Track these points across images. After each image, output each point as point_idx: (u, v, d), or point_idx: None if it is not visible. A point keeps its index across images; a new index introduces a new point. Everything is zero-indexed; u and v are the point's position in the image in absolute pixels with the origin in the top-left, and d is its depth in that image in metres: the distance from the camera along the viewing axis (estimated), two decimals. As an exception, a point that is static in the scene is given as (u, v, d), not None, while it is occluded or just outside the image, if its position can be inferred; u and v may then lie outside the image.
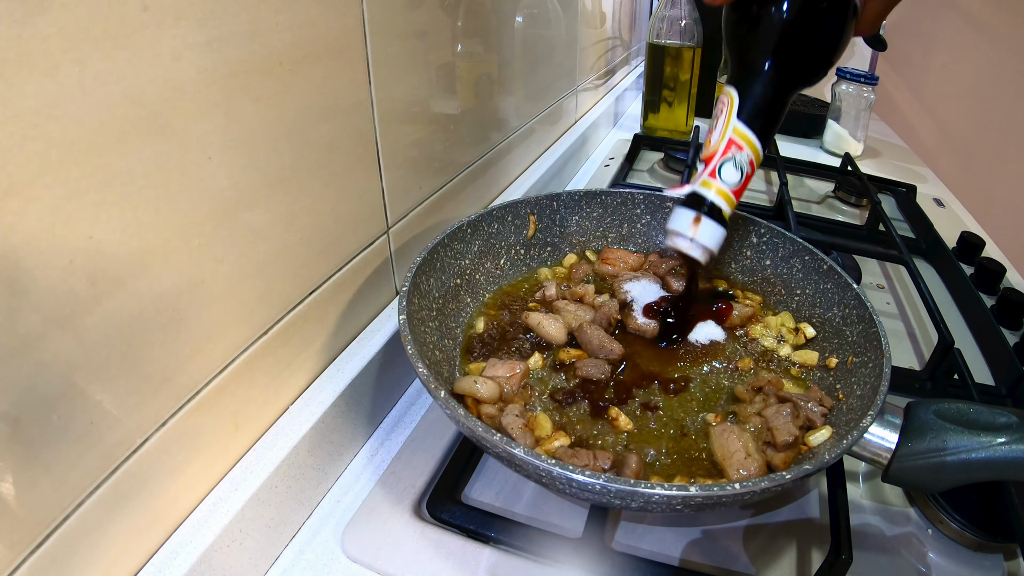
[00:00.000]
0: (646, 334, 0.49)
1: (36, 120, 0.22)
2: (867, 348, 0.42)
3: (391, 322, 0.48)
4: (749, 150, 0.40)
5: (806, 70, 0.40)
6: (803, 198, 0.92)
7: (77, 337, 0.26)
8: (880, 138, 1.25)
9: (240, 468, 0.36)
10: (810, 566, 0.38)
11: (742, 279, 0.56)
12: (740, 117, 0.39)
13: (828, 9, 0.38)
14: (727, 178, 0.40)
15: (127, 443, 0.29)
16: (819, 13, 0.38)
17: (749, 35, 0.40)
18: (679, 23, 0.98)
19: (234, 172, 0.32)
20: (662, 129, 1.07)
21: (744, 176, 0.40)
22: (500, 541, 0.38)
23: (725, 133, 0.40)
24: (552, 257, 0.58)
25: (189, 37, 0.28)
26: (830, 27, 0.38)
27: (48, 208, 0.23)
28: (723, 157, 0.40)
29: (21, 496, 0.24)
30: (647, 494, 0.29)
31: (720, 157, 0.40)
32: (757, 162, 0.41)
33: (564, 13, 0.82)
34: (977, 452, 0.34)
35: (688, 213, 0.41)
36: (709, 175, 0.41)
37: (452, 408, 0.33)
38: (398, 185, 0.48)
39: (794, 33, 0.38)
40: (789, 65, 0.39)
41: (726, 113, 0.40)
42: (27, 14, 0.22)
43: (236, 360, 0.35)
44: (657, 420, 0.42)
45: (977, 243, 0.76)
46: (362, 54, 0.41)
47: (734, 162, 0.40)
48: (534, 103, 0.77)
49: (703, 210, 0.41)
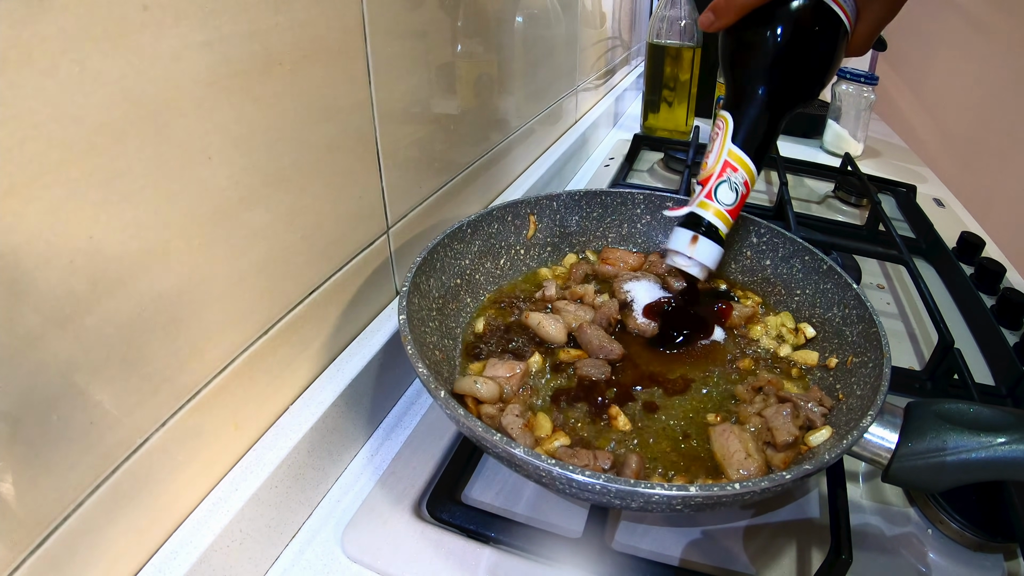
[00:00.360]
0: (646, 334, 0.49)
1: (36, 120, 0.22)
2: (867, 348, 0.42)
3: (391, 322, 0.48)
4: (744, 172, 0.42)
5: (798, 93, 0.42)
6: (803, 198, 0.92)
7: (77, 337, 0.26)
8: (880, 138, 1.25)
9: (240, 468, 0.36)
10: (810, 566, 0.38)
11: (742, 279, 0.56)
12: (735, 141, 0.41)
13: (819, 35, 0.39)
14: (723, 199, 0.42)
15: (127, 443, 0.29)
16: (810, 39, 0.39)
17: (743, 61, 0.41)
18: (679, 23, 0.98)
19: (234, 172, 0.32)
20: (662, 129, 1.07)
21: (739, 197, 0.42)
22: (500, 541, 0.38)
23: (720, 156, 0.42)
24: (552, 257, 0.58)
25: (189, 37, 0.28)
26: (821, 52, 0.40)
27: (48, 208, 0.23)
28: (719, 179, 0.42)
29: (21, 496, 0.24)
30: (647, 494, 0.29)
31: (716, 179, 0.42)
32: (752, 182, 0.42)
33: (564, 13, 0.82)
34: (977, 452, 0.34)
35: (686, 233, 0.44)
36: (706, 196, 0.43)
37: (452, 408, 0.33)
38: (398, 185, 0.48)
39: (786, 59, 0.40)
40: (782, 89, 0.40)
41: (721, 136, 0.42)
42: (27, 14, 0.22)
43: (236, 360, 0.35)
44: (657, 420, 0.42)
45: (977, 243, 0.76)
46: (362, 54, 0.41)
47: (729, 183, 0.42)
48: (534, 103, 0.77)
49: (700, 230, 0.43)
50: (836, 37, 0.40)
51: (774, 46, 0.40)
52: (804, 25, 0.39)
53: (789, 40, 0.39)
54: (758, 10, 0.40)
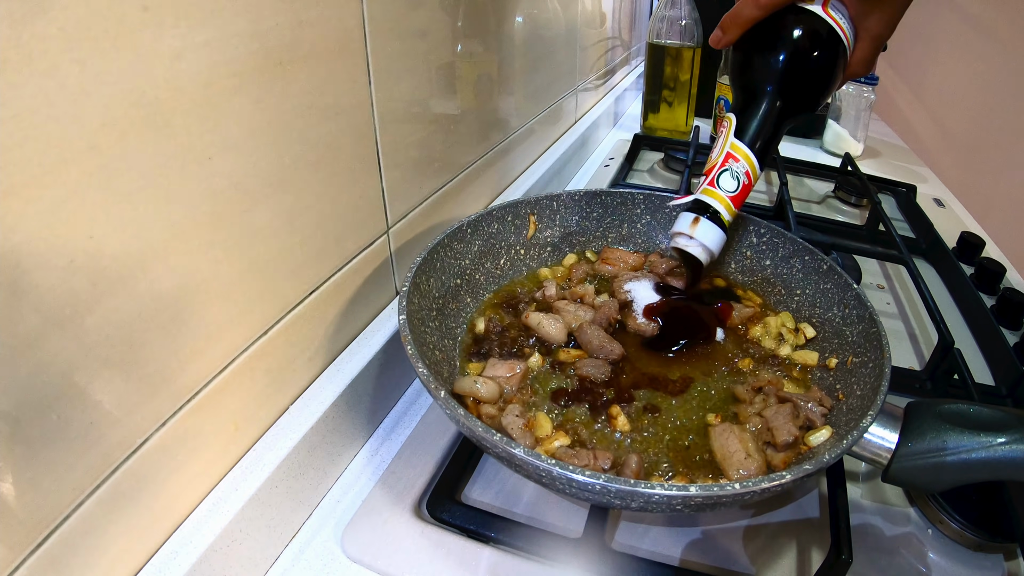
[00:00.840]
0: (646, 334, 0.49)
1: (36, 120, 0.22)
2: (867, 348, 0.42)
3: (391, 322, 0.48)
4: (745, 162, 0.44)
5: (798, 106, 0.45)
6: (803, 198, 0.92)
7: (77, 337, 0.26)
8: (880, 138, 1.25)
9: (240, 468, 0.36)
10: (810, 566, 0.38)
11: (742, 279, 0.56)
12: (737, 136, 0.44)
13: (819, 57, 0.43)
14: (725, 186, 0.44)
15: (127, 443, 0.29)
16: (811, 60, 0.43)
17: (745, 71, 0.45)
18: (679, 23, 0.98)
19: (234, 172, 0.32)
20: (662, 129, 1.07)
21: (741, 185, 0.44)
22: (500, 541, 0.38)
23: (724, 148, 0.44)
24: (552, 257, 0.58)
25: (189, 37, 0.28)
26: (818, 63, 0.43)
27: (48, 208, 0.24)
28: (721, 168, 0.44)
29: (21, 496, 0.24)
30: (647, 494, 0.29)
31: (719, 168, 0.44)
32: (753, 175, 0.44)
33: (564, 13, 0.82)
34: (977, 452, 0.34)
35: (688, 215, 0.46)
36: (708, 184, 0.45)
37: (452, 408, 0.33)
38: (398, 185, 0.48)
39: (788, 76, 0.43)
40: (783, 101, 0.43)
41: (725, 133, 0.45)
42: (27, 14, 0.22)
43: (236, 360, 0.35)
44: (657, 420, 0.42)
45: (977, 243, 0.76)
46: (362, 54, 0.41)
47: (731, 172, 0.44)
48: (534, 103, 0.77)
49: (701, 213, 0.45)
50: (833, 50, 0.43)
51: (773, 57, 0.43)
52: (802, 38, 0.42)
53: (787, 52, 0.43)
54: (762, 26, 0.43)
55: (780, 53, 0.43)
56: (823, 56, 0.42)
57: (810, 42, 0.42)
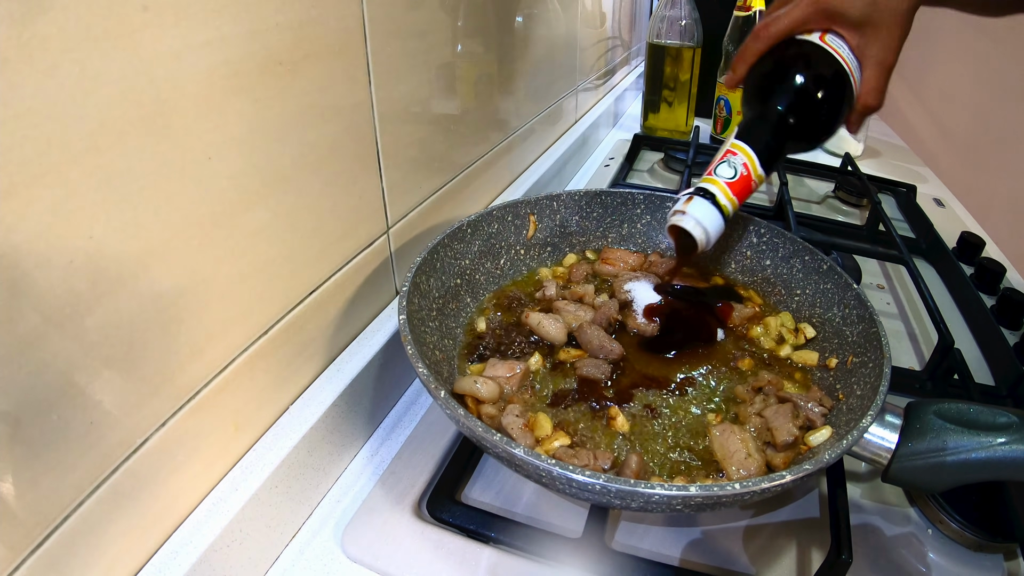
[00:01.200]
0: (646, 334, 0.49)
1: (36, 120, 0.23)
2: (867, 348, 0.42)
3: (391, 322, 0.48)
4: (743, 156, 0.45)
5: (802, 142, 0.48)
6: (803, 198, 0.92)
7: (77, 337, 0.26)
8: (880, 138, 1.25)
9: (240, 468, 0.36)
10: (810, 566, 0.38)
11: (742, 279, 0.56)
12: (738, 136, 0.46)
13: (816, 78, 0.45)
14: (722, 173, 0.45)
15: (127, 443, 0.29)
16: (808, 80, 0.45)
17: (751, 97, 0.47)
18: (679, 23, 0.98)
19: (234, 172, 0.32)
20: (662, 129, 1.07)
21: (738, 174, 0.45)
22: (500, 541, 0.38)
23: (724, 147, 0.46)
24: (552, 257, 0.58)
25: (189, 37, 0.28)
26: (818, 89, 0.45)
27: (48, 208, 0.24)
28: (720, 160, 0.46)
29: (21, 496, 0.24)
30: (647, 494, 0.29)
31: (718, 161, 0.46)
32: (754, 173, 0.45)
33: (564, 13, 0.82)
34: (977, 452, 0.34)
35: (686, 193, 0.47)
36: (707, 174, 0.46)
37: (452, 408, 0.33)
38: (398, 185, 0.48)
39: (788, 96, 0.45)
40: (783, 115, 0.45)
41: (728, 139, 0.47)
42: (27, 14, 0.22)
43: (236, 360, 0.35)
44: (657, 420, 0.42)
45: (977, 243, 0.76)
46: (362, 54, 0.41)
47: (729, 163, 0.45)
48: (534, 103, 0.77)
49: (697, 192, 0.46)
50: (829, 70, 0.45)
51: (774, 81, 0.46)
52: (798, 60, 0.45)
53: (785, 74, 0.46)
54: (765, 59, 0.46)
55: (779, 76, 0.46)
56: (820, 76, 0.45)
57: (807, 65, 0.45)
